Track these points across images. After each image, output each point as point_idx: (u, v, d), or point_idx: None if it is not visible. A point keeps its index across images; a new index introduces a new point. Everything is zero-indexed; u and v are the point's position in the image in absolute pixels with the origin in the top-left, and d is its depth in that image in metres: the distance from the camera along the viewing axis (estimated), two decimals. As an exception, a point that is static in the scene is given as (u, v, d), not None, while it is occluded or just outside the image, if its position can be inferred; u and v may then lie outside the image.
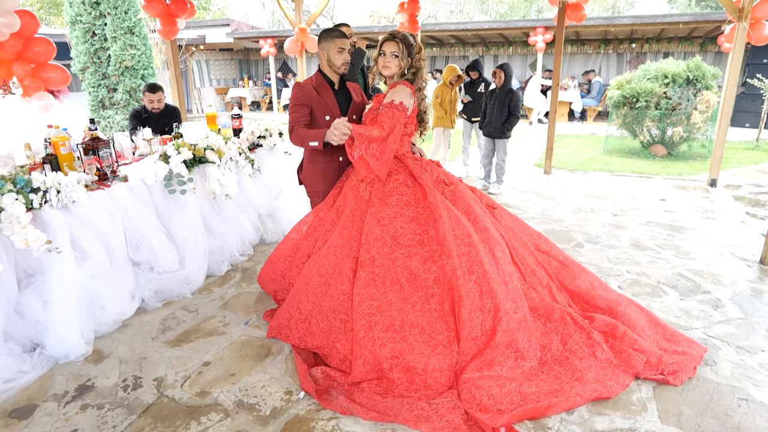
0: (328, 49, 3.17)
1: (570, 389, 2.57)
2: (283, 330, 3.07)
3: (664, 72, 9.00)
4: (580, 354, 2.78)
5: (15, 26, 4.37)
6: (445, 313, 2.67)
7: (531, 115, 14.39)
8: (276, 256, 3.45)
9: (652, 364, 2.75)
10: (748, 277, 3.96)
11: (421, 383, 2.55)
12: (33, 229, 2.75)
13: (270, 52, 16.72)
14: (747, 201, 6.24)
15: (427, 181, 2.93)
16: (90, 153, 3.42)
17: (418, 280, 2.71)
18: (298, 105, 3.18)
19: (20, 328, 2.93)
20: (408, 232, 2.81)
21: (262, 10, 36.66)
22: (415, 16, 9.25)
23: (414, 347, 2.61)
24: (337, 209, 3.12)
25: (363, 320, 2.65)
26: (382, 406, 2.49)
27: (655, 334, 3.02)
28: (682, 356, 2.85)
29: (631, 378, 2.69)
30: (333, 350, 2.81)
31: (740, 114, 12.24)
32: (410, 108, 2.97)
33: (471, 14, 33.45)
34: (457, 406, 2.45)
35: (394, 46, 2.94)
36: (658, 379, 2.69)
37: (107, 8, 10.23)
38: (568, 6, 7.48)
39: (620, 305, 3.13)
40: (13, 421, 2.49)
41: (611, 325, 2.91)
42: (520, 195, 6.62)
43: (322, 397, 2.57)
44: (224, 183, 4.11)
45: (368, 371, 2.61)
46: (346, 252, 2.87)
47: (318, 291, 2.91)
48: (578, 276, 3.29)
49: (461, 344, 2.60)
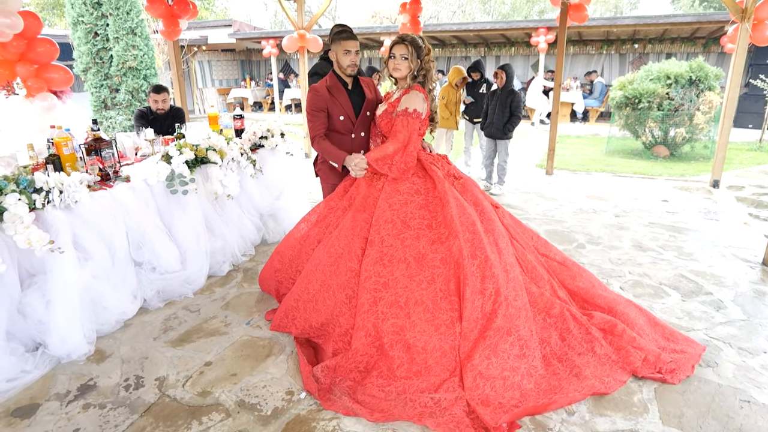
0: (336, 50, 3.22)
1: (568, 386, 2.61)
2: (290, 313, 3.13)
3: (667, 73, 8.99)
4: (578, 349, 2.83)
5: (18, 27, 4.38)
6: (450, 293, 2.74)
7: (533, 115, 14.39)
8: (284, 245, 3.51)
9: (650, 362, 2.77)
10: (751, 278, 3.95)
11: (422, 363, 2.60)
12: (36, 229, 2.75)
13: (272, 53, 16.74)
14: (750, 202, 6.22)
15: (438, 173, 3.04)
16: (92, 153, 3.43)
17: (425, 259, 2.80)
18: (315, 111, 3.27)
19: (23, 327, 2.94)
20: (417, 216, 2.93)
21: (264, 11, 36.72)
22: (417, 16, 9.26)
23: (416, 324, 2.68)
24: (350, 197, 3.18)
25: (369, 295, 2.76)
26: (385, 404, 2.50)
27: (654, 333, 3.05)
28: (680, 355, 2.88)
29: (629, 375, 2.73)
30: (336, 325, 2.91)
31: (743, 115, 12.22)
32: (424, 113, 3.08)
33: (473, 15, 33.45)
34: (459, 398, 2.47)
35: (404, 48, 3.00)
36: (656, 378, 2.70)
37: (109, 9, 10.26)
38: (571, 6, 7.48)
39: (619, 305, 3.16)
40: (15, 420, 2.49)
41: (610, 323, 2.95)
42: (521, 196, 6.61)
43: (325, 398, 2.57)
44: (226, 183, 4.12)
45: (368, 344, 2.68)
46: (357, 233, 2.96)
47: (327, 270, 2.99)
48: (577, 276, 3.33)
49: (463, 324, 2.65)
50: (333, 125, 3.31)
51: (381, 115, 3.17)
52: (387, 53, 3.10)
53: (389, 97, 3.20)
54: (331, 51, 3.28)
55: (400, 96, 3.08)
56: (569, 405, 2.51)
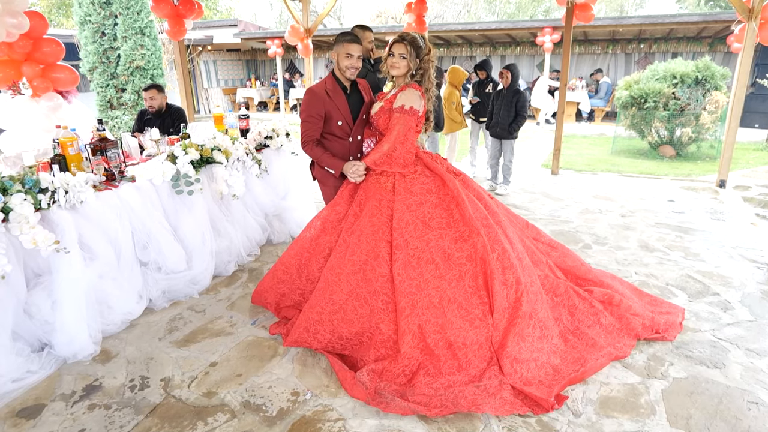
0: (338, 52, 3.17)
1: (589, 355, 2.85)
2: (312, 327, 2.98)
3: (673, 72, 8.94)
4: (587, 322, 3.06)
5: (24, 27, 4.39)
6: (478, 288, 2.83)
7: (538, 115, 14.35)
8: (289, 256, 3.37)
9: (647, 326, 3.11)
10: (758, 279, 3.92)
11: (463, 358, 2.70)
12: (41, 230, 2.76)
13: (277, 53, 16.76)
14: (756, 202, 6.18)
15: (442, 170, 3.08)
16: (98, 153, 3.43)
17: (451, 258, 2.87)
18: (310, 116, 3.20)
19: (29, 327, 2.95)
20: (435, 216, 2.97)
21: (269, 10, 36.76)
22: (422, 16, 9.23)
23: (453, 322, 2.75)
24: (359, 202, 3.14)
25: (407, 299, 2.77)
26: (437, 400, 2.54)
27: (641, 300, 3.41)
28: (668, 315, 3.25)
29: (635, 339, 3.03)
30: (376, 332, 2.86)
31: (750, 114, 12.15)
32: (420, 110, 3.09)
33: (478, 14, 33.38)
34: (503, 383, 2.59)
35: (403, 47, 3.00)
36: (656, 338, 3.05)
37: (119, 8, 10.29)
38: (576, 6, 7.44)
39: (606, 278, 3.52)
40: (21, 420, 2.50)
41: (607, 295, 3.23)
42: (527, 196, 6.59)
43: (378, 402, 2.53)
44: (231, 183, 4.12)
45: (415, 346, 2.72)
46: (379, 237, 2.95)
47: (353, 278, 2.93)
48: (566, 256, 3.53)
49: (494, 316, 2.77)
50: (330, 129, 3.26)
51: (377, 112, 3.16)
52: (386, 51, 3.09)
53: (384, 96, 3.19)
54: (333, 52, 3.25)
55: (397, 93, 3.09)
56: (599, 371, 2.77)
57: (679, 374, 2.76)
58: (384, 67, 3.15)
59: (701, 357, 2.92)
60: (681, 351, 2.98)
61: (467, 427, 2.41)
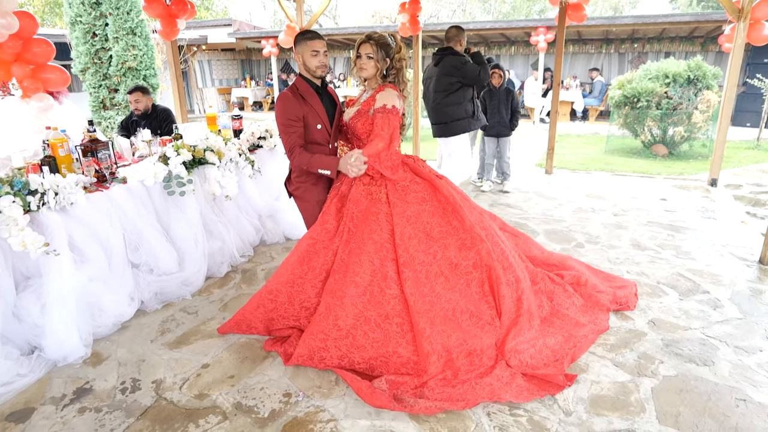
0: (302, 52, 3.03)
1: (578, 333, 3.00)
2: (316, 353, 2.78)
3: (665, 72, 8.98)
4: (565, 305, 3.22)
5: (14, 27, 4.36)
6: (485, 293, 2.89)
7: (533, 114, 14.38)
8: (277, 282, 3.07)
9: (612, 300, 3.38)
10: (748, 277, 3.95)
11: (479, 363, 2.72)
12: (30, 232, 2.74)
13: (272, 52, 16.75)
14: (747, 200, 6.22)
15: (431, 175, 3.07)
16: (89, 155, 3.42)
17: (458, 268, 2.89)
18: (289, 121, 3.00)
19: (18, 331, 2.93)
20: (435, 225, 2.96)
21: (263, 10, 36.67)
22: (416, 16, 9.21)
23: (468, 332, 2.78)
24: (351, 216, 2.96)
25: (424, 318, 2.71)
26: (457, 395, 2.54)
27: (597, 277, 3.65)
28: (625, 289, 3.54)
29: (607, 313, 3.30)
30: (392, 356, 2.71)
31: (741, 113, 12.25)
32: (401, 110, 3.04)
33: (473, 14, 33.43)
34: (514, 374, 2.66)
35: (369, 48, 2.94)
36: (621, 309, 3.39)
37: (109, 9, 10.25)
38: (569, 6, 7.46)
39: (567, 260, 3.72)
40: (10, 424, 2.49)
41: (576, 277, 3.45)
42: (521, 195, 6.61)
43: (403, 405, 2.49)
44: (224, 184, 4.10)
45: (442, 365, 2.67)
46: (383, 255, 2.82)
47: (359, 301, 2.77)
48: (529, 244, 3.71)
49: (502, 319, 2.85)
50: (310, 136, 3.06)
51: (354, 116, 3.04)
52: (354, 52, 3.03)
53: (357, 100, 3.11)
54: (295, 54, 3.08)
55: (374, 94, 3.00)
56: (591, 347, 2.98)
57: (668, 372, 2.78)
58: (353, 70, 3.07)
59: (691, 355, 2.93)
60: (671, 349, 2.99)
61: (459, 427, 2.41)
